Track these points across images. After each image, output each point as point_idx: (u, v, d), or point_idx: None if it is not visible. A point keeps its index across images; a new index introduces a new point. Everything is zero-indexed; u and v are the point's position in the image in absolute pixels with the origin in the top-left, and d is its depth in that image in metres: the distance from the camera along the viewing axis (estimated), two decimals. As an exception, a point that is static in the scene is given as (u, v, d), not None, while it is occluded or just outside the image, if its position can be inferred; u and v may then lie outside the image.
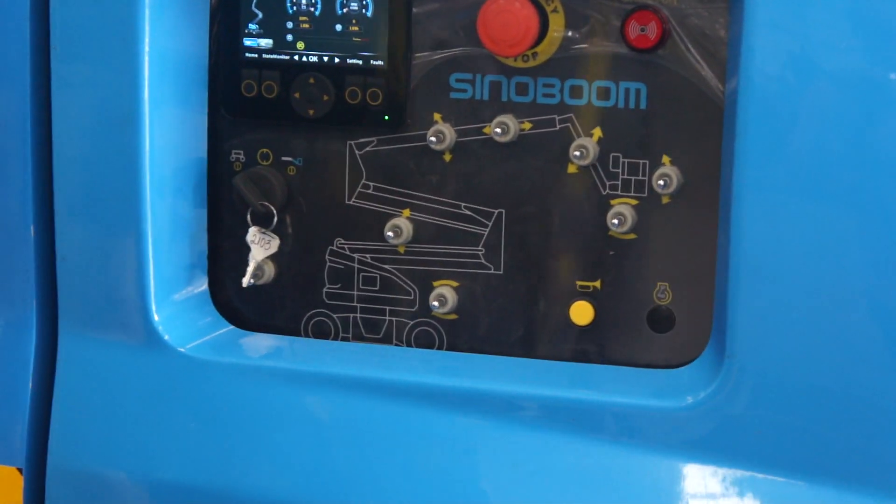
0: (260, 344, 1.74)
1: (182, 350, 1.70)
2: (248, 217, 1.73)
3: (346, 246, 1.73)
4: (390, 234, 1.69)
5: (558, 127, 1.64)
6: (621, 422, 1.57)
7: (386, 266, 1.73)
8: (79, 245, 1.71)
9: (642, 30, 1.58)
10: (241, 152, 1.75)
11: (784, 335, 1.50)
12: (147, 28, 1.65)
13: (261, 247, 1.73)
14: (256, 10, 1.71)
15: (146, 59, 1.65)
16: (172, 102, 1.69)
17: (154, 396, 1.71)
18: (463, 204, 1.69)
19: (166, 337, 1.70)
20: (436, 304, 1.69)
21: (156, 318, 1.70)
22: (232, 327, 1.76)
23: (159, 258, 1.70)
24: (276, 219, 1.73)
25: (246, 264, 1.74)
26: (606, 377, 1.62)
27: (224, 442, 1.69)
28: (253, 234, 1.73)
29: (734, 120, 1.49)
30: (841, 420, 1.50)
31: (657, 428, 1.56)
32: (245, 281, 1.73)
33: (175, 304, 1.72)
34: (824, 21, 1.45)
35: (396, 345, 1.73)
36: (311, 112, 1.70)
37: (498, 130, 1.64)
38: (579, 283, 1.67)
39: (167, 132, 1.69)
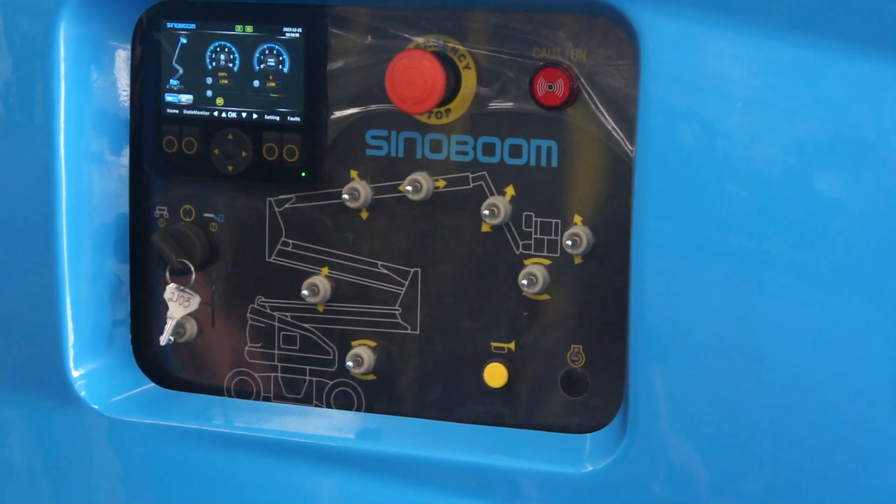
0: (179, 403, 1.71)
1: (97, 408, 1.68)
2: (167, 274, 1.71)
3: (266, 304, 1.71)
4: (306, 293, 1.66)
5: (472, 185, 1.61)
6: (526, 488, 1.53)
7: (306, 325, 1.70)
8: (-3, 302, 1.70)
9: (550, 87, 1.55)
10: (165, 209, 1.73)
11: (687, 402, 1.46)
12: (62, 84, 1.64)
13: (179, 304, 1.71)
14: (177, 66, 1.69)
15: (62, 115, 1.64)
16: (91, 159, 1.68)
17: (70, 455, 1.69)
18: (380, 262, 1.66)
19: (83, 394, 1.68)
20: (351, 364, 1.66)
21: (74, 374, 1.68)
22: (153, 385, 1.74)
23: (78, 315, 1.68)
24: (194, 276, 1.70)
25: (170, 321, 1.72)
26: (515, 442, 1.58)
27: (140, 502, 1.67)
28: (171, 291, 1.71)
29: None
30: (743, 494, 1.45)
31: (560, 495, 1.51)
32: (163, 339, 1.71)
33: (95, 361, 1.70)
34: (722, 78, 1.41)
35: (316, 405, 1.70)
36: (230, 168, 1.68)
37: (410, 188, 1.61)
38: (494, 344, 1.63)
39: (86, 189, 1.68)
